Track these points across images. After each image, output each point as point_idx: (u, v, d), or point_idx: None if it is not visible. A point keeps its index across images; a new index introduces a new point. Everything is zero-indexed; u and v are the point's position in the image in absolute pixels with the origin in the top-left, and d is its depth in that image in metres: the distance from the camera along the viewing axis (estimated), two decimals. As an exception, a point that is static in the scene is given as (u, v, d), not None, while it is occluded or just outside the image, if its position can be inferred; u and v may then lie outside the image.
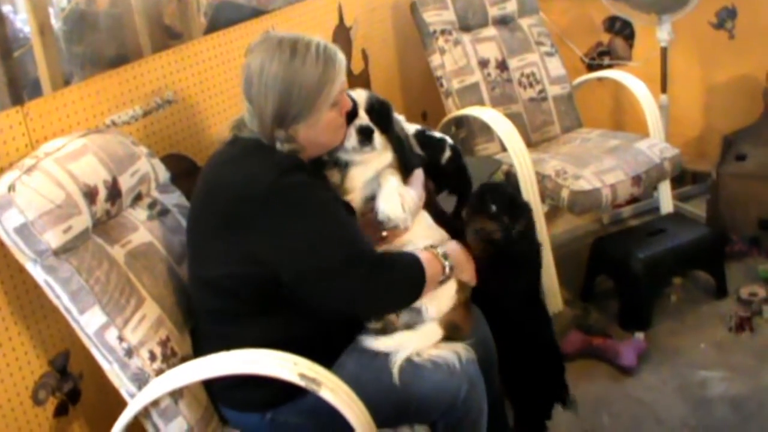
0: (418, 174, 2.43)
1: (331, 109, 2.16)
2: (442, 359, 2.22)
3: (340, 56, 2.17)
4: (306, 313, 2.12)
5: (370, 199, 2.31)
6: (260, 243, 2.07)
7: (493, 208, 2.43)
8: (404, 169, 2.38)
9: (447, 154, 2.69)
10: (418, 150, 2.49)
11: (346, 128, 2.26)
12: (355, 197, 2.31)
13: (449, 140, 2.74)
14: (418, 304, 2.23)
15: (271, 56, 2.12)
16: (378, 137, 2.30)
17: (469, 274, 2.36)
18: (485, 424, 2.29)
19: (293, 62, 2.11)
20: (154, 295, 2.21)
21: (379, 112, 2.35)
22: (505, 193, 2.51)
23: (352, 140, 2.28)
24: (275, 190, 2.05)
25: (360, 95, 2.35)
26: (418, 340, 2.25)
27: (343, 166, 2.32)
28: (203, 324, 2.26)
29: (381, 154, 2.34)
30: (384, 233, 2.28)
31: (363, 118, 2.31)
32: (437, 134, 2.76)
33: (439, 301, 2.28)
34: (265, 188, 2.05)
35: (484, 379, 2.28)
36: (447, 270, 2.23)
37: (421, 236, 2.33)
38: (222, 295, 2.17)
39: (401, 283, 2.17)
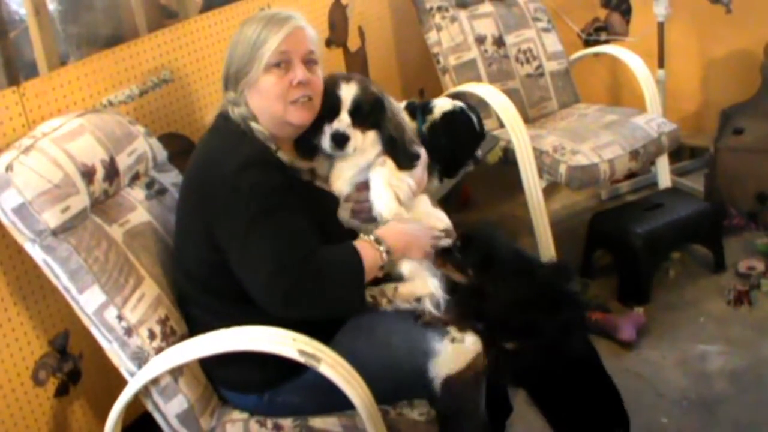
0: (422, 156, 2.40)
1: (267, 72, 2.16)
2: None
3: (293, 22, 2.17)
4: None
5: (362, 184, 2.29)
6: (213, 224, 2.08)
7: (459, 257, 2.32)
8: (397, 167, 2.31)
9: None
10: (416, 148, 2.38)
11: (296, 103, 2.18)
12: (342, 185, 2.29)
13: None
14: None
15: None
16: (354, 142, 2.24)
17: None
18: (482, 398, 2.29)
19: (242, 26, 2.20)
20: (152, 274, 2.22)
21: (367, 113, 2.27)
22: (482, 246, 2.34)
23: (325, 142, 2.25)
24: (227, 183, 2.06)
25: (348, 92, 2.26)
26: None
27: (330, 157, 2.30)
28: (195, 315, 2.24)
29: (366, 152, 2.29)
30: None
31: (342, 121, 2.25)
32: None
33: (422, 281, 2.25)
34: (219, 178, 2.08)
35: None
36: (384, 255, 2.15)
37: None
38: (203, 291, 2.18)
39: (337, 281, 2.09)
